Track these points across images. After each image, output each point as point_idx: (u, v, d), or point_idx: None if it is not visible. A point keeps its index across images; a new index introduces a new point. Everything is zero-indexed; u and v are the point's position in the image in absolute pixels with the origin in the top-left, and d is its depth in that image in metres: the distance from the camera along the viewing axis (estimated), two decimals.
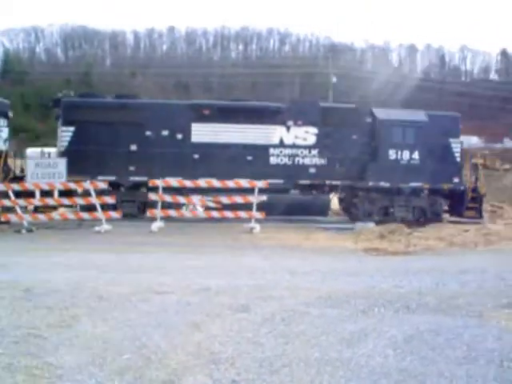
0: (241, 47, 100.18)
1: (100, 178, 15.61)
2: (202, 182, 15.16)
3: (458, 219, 17.68)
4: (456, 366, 4.59)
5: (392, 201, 17.57)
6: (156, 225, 14.39)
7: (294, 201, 16.87)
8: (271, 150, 17.13)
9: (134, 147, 16.58)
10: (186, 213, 15.36)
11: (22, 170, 16.56)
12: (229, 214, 14.98)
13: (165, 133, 16.76)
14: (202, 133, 16.81)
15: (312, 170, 17.27)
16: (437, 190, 17.62)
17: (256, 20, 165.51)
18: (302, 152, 17.25)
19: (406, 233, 14.23)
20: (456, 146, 17.82)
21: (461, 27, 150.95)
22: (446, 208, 18.23)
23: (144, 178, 15.99)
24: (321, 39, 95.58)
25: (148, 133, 16.67)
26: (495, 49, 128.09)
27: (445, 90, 66.90)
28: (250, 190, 14.93)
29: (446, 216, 18.20)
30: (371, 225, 15.73)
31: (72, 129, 16.33)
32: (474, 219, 17.31)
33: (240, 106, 17.73)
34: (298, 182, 17.20)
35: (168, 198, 14.83)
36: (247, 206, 14.98)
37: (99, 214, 14.26)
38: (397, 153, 17.33)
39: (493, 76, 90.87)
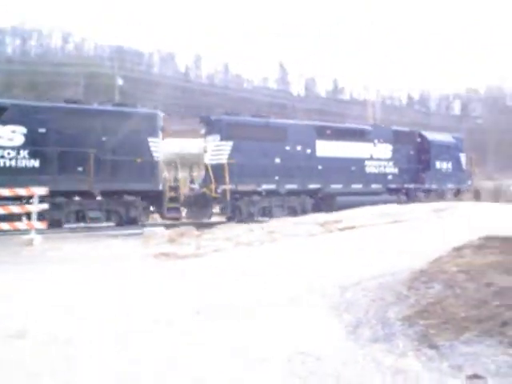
0: (18, 42, 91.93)
1: (265, 186, 19.45)
2: None
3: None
4: None
5: (437, 197, 24.16)
6: None
7: (387, 201, 21.84)
8: (365, 162, 22.93)
9: (277, 160, 19.96)
10: None
11: None
12: (4, 225, 13.50)
13: (299, 148, 20.70)
14: (324, 148, 21.39)
15: (390, 177, 23.80)
16: (459, 189, 26.50)
17: (35, 18, 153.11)
18: (383, 163, 23.56)
19: (195, 235, 14.41)
20: (463, 159, 26.86)
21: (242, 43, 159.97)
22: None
23: (294, 186, 20.26)
24: (107, 41, 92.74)
25: (287, 148, 20.37)
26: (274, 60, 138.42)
27: (228, 96, 70.10)
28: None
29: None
30: (160, 229, 15.62)
31: (231, 143, 18.95)
32: None
33: (348, 128, 23.95)
34: (389, 186, 23.59)
35: None
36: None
37: None
38: (440, 164, 25.47)
39: (271, 84, 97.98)
